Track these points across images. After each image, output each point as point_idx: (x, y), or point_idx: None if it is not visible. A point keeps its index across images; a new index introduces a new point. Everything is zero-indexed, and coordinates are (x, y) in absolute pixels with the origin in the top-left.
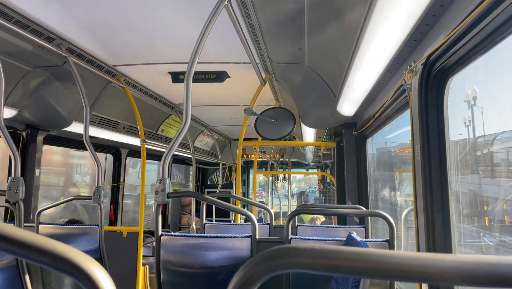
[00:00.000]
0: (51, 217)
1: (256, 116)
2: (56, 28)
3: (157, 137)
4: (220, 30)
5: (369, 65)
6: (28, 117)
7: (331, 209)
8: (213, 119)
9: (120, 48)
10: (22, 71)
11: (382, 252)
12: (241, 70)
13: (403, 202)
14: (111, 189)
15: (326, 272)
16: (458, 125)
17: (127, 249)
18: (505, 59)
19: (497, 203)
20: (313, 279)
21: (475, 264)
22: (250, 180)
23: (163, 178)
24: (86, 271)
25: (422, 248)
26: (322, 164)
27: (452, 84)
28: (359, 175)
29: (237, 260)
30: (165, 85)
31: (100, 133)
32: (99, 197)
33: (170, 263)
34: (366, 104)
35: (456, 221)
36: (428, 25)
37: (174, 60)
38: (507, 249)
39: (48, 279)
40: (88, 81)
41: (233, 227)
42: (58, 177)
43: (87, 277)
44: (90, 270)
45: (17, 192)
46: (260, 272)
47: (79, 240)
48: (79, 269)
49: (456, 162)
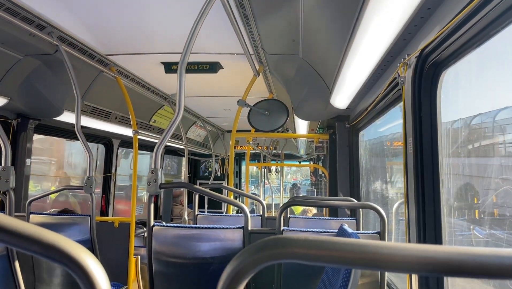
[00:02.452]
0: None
1: (249, 108)
2: (47, 16)
3: (149, 127)
4: (214, 20)
5: (363, 58)
6: (18, 106)
7: (323, 201)
8: (206, 110)
9: (112, 37)
10: (12, 59)
11: (373, 242)
12: (235, 61)
13: (395, 195)
14: (102, 180)
15: (319, 263)
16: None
17: (119, 239)
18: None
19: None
20: (305, 271)
21: (466, 256)
22: (242, 171)
23: (155, 168)
24: (77, 260)
25: (412, 240)
26: (315, 157)
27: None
28: (351, 167)
29: (229, 251)
30: (158, 76)
31: (92, 123)
32: (91, 187)
33: (162, 254)
34: (359, 97)
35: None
36: (423, 18)
37: (167, 50)
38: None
39: (39, 269)
40: (80, 70)
41: (225, 218)
42: (49, 167)
43: (78, 266)
44: (81, 259)
45: (7, 181)
46: (253, 262)
47: (70, 230)
48: (70, 258)
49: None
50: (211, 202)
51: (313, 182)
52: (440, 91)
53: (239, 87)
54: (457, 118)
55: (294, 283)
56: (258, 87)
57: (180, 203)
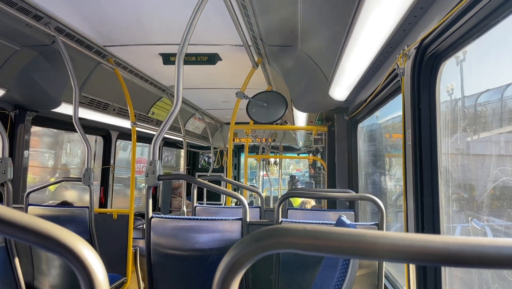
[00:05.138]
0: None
1: (248, 100)
2: (45, 7)
3: (147, 119)
4: (212, 11)
5: (362, 49)
6: (16, 98)
7: (322, 193)
8: (204, 102)
9: (110, 28)
10: (9, 50)
11: (371, 232)
12: (233, 52)
13: (393, 186)
14: (101, 172)
15: (317, 253)
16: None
17: (118, 231)
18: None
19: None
20: (303, 261)
21: (464, 245)
22: (241, 164)
23: (154, 160)
24: (74, 250)
25: (411, 231)
26: (313, 149)
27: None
28: (349, 159)
29: (227, 242)
30: (156, 67)
31: (90, 115)
32: (89, 179)
33: (160, 246)
34: (358, 88)
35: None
36: (423, 8)
37: (165, 42)
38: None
39: (38, 260)
40: (78, 62)
41: (224, 210)
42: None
43: (76, 257)
44: (78, 249)
45: (5, 172)
46: (251, 251)
47: (68, 222)
48: (68, 249)
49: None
50: (210, 194)
51: (311, 174)
52: (439, 82)
53: (238, 79)
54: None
55: (292, 274)
56: (257, 79)
57: (179, 195)
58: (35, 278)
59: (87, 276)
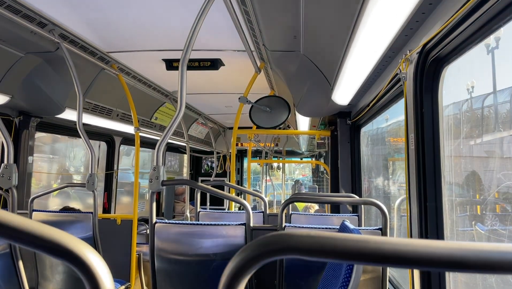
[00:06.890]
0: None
1: (250, 105)
2: (49, 14)
3: (151, 125)
4: (215, 17)
5: (364, 54)
6: (20, 104)
7: (325, 197)
8: (207, 107)
9: (113, 35)
10: (14, 57)
11: (376, 238)
12: (236, 58)
13: (396, 191)
14: (104, 177)
15: (321, 258)
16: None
17: (121, 236)
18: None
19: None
20: (307, 267)
21: (468, 251)
22: (244, 168)
23: (157, 165)
24: (80, 256)
25: (414, 236)
26: (316, 153)
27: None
28: (352, 164)
29: (231, 247)
30: (159, 73)
31: (93, 121)
32: (93, 184)
33: (164, 251)
34: (361, 93)
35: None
36: (425, 13)
37: (168, 47)
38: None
39: (42, 266)
40: (81, 68)
41: (227, 215)
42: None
43: (82, 263)
44: (85, 255)
45: (10, 178)
46: (256, 257)
47: (72, 228)
48: (74, 255)
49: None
50: (213, 199)
51: (314, 179)
52: (441, 87)
53: (241, 84)
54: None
55: (296, 280)
56: (260, 84)
57: (183, 200)
58: (39, 284)
59: (94, 282)
